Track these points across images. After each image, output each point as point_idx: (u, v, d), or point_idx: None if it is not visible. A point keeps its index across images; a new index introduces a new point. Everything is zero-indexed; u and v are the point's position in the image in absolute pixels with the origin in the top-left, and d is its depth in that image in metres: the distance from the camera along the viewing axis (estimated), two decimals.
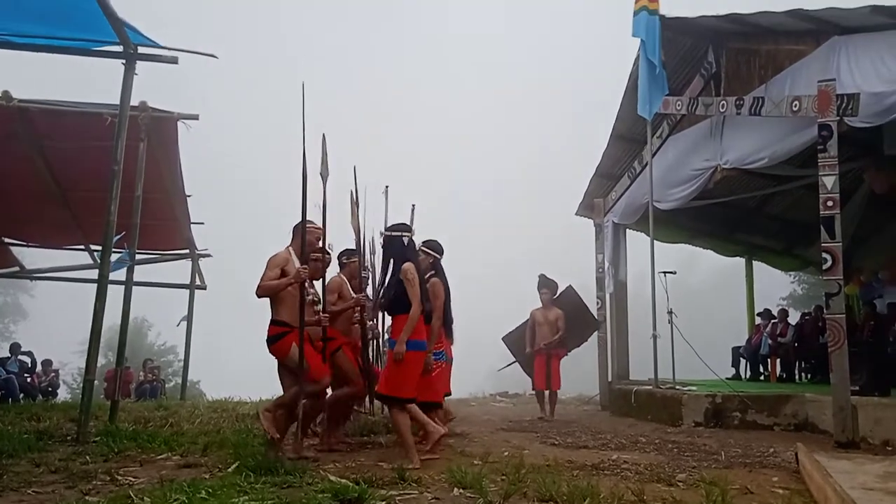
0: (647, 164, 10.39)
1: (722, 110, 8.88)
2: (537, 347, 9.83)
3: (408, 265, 5.52)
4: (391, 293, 5.57)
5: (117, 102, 7.05)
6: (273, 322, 5.60)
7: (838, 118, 6.95)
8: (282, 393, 5.77)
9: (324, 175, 6.09)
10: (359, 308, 6.63)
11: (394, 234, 5.79)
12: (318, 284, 6.20)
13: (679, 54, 10.39)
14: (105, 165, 7.05)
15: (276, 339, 5.56)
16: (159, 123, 8.59)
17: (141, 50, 6.91)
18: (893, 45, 6.97)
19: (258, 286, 5.55)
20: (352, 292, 6.69)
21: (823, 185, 6.88)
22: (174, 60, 6.99)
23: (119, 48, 6.84)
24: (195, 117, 8.70)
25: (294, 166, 5.87)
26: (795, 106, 7.56)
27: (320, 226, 6.05)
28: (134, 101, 7.40)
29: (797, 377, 12.36)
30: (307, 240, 5.73)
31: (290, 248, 5.79)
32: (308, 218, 5.83)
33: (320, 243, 6.06)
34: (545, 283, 10.14)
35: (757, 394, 8.46)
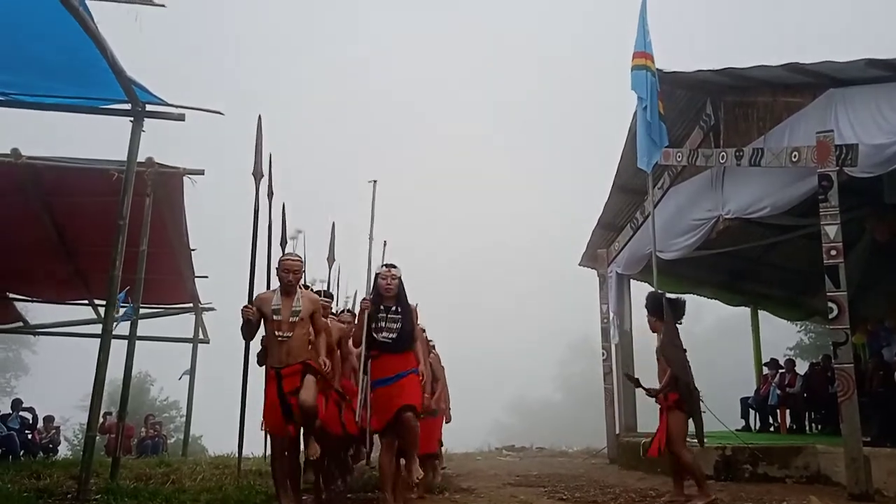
0: (649, 215, 10.44)
1: (722, 161, 8.97)
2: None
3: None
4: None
5: (123, 158, 7.14)
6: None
7: (838, 168, 7.02)
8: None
9: (257, 175, 6.50)
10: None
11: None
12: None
13: (677, 107, 10.54)
14: (110, 221, 7.09)
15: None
16: (165, 179, 8.66)
17: (148, 107, 7.03)
18: (890, 97, 7.06)
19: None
20: None
21: (826, 234, 6.91)
22: (181, 118, 7.11)
23: (127, 106, 6.97)
24: (201, 172, 8.78)
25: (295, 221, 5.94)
26: (795, 157, 7.63)
27: (298, 257, 5.81)
28: (140, 157, 7.49)
29: (807, 428, 12.20)
30: (279, 275, 5.62)
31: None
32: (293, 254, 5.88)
33: (291, 275, 5.59)
34: (650, 304, 7.11)
35: (767, 445, 8.34)
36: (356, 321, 5.96)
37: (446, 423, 8.01)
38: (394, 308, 5.61)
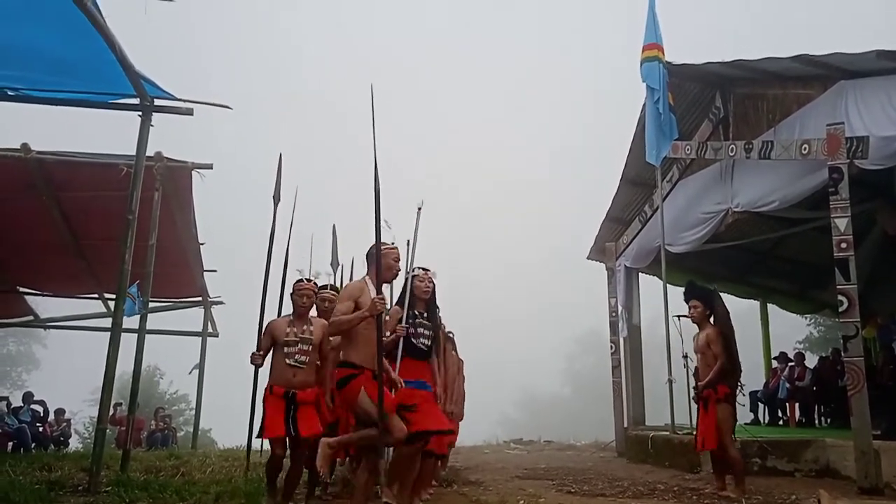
0: (657, 208, 10.41)
1: (731, 154, 8.93)
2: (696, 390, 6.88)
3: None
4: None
5: (132, 153, 7.15)
6: (341, 364, 4.92)
7: (848, 161, 6.98)
8: None
9: (276, 199, 6.35)
10: None
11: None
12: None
13: (687, 99, 10.51)
14: (120, 215, 7.10)
15: (343, 383, 4.80)
16: (174, 173, 8.71)
17: (157, 102, 7.03)
18: None
19: (330, 322, 5.01)
20: None
21: (836, 227, 6.87)
22: (189, 112, 7.10)
23: (136, 100, 6.98)
24: (209, 167, 8.82)
25: (305, 215, 5.91)
26: (805, 149, 7.59)
27: (397, 246, 5.25)
28: (149, 151, 7.50)
29: (816, 422, 12.16)
30: (385, 263, 5.02)
31: (367, 277, 5.05)
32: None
33: (399, 265, 5.25)
34: (694, 292, 6.97)
35: (776, 439, 8.32)
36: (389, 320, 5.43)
37: (459, 420, 7.59)
38: (426, 314, 5.41)
